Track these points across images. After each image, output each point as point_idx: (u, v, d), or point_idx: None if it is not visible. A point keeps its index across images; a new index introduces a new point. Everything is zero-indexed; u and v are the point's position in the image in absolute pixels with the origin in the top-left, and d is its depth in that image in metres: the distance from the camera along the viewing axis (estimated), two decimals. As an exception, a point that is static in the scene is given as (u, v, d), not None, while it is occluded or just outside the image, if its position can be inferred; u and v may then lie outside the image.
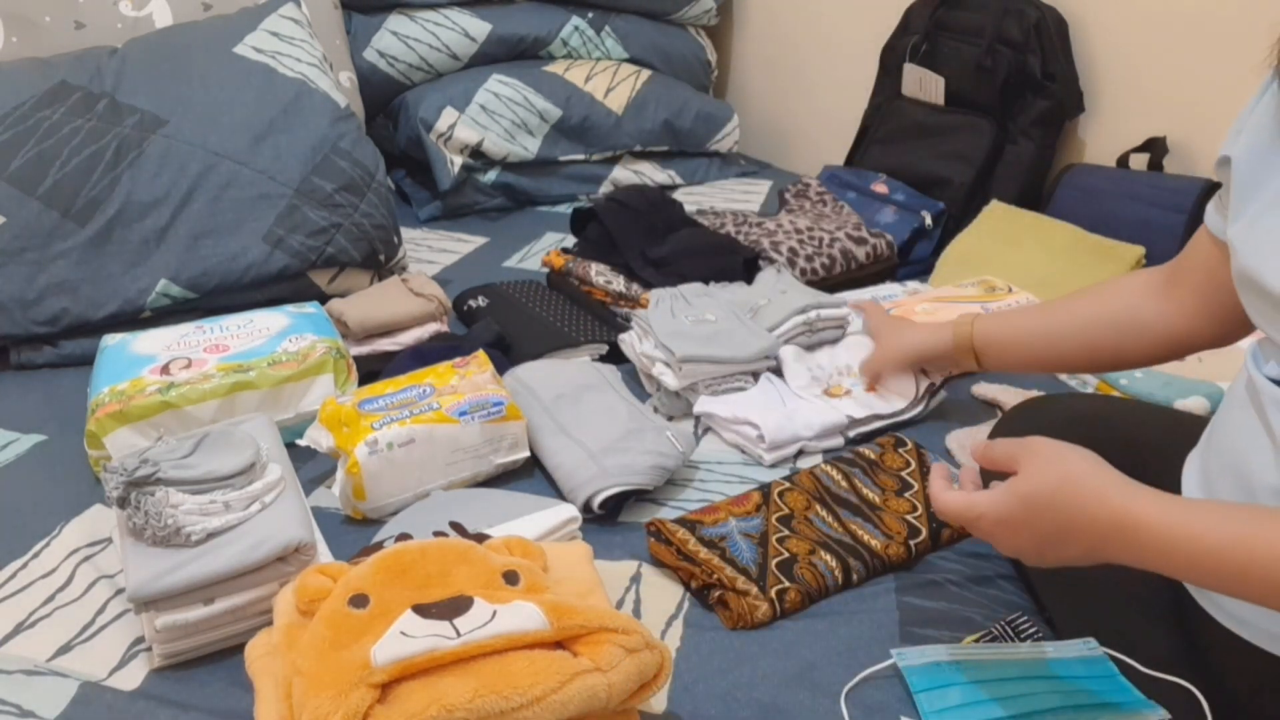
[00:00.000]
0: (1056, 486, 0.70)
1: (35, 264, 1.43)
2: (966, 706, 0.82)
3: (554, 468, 1.14)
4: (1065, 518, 0.70)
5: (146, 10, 1.79)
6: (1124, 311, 1.02)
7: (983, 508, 0.74)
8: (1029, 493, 0.71)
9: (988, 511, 0.74)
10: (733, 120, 2.30)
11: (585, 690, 0.71)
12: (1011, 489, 0.72)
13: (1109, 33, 1.82)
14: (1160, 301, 0.98)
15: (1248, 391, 0.77)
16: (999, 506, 0.73)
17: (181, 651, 0.89)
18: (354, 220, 1.58)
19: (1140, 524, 0.67)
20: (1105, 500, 0.68)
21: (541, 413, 1.20)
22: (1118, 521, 0.68)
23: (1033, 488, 0.71)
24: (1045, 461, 0.72)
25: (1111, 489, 0.69)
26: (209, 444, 0.97)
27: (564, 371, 1.29)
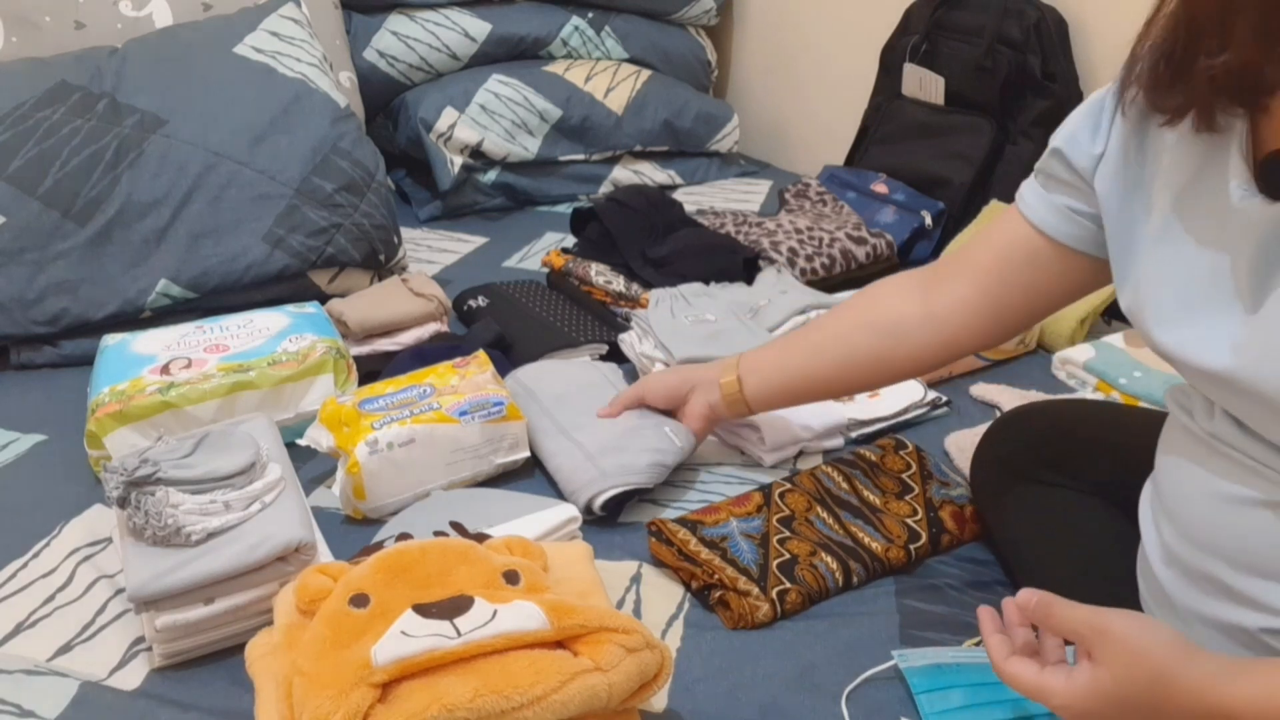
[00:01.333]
0: (1147, 687, 0.65)
1: (35, 264, 1.43)
2: (967, 708, 0.82)
3: (554, 470, 1.14)
4: (1155, 711, 0.65)
5: (146, 10, 1.79)
6: (883, 315, 0.97)
7: (1061, 698, 0.68)
8: (1115, 693, 0.65)
9: (1067, 702, 0.68)
10: (733, 120, 2.30)
11: (586, 690, 0.71)
12: (1095, 686, 0.66)
13: (1109, 33, 1.82)
14: (924, 301, 0.94)
15: (1180, 440, 0.77)
16: (1079, 699, 0.67)
17: (181, 651, 0.89)
18: (354, 220, 1.58)
19: (1235, 710, 0.63)
20: (1200, 697, 0.64)
21: (541, 414, 1.20)
22: (1211, 712, 0.64)
23: (1119, 687, 0.65)
24: (1131, 657, 0.65)
25: (1205, 683, 0.64)
26: (209, 444, 0.97)
27: (564, 372, 1.29)
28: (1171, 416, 0.79)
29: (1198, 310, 0.71)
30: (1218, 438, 0.72)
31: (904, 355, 0.98)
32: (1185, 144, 0.73)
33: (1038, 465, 0.99)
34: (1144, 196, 0.76)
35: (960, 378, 1.40)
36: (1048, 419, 1.04)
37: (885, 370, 1.01)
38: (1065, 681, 0.68)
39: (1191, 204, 0.72)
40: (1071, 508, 0.97)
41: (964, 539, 1.07)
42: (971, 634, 0.92)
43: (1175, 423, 0.78)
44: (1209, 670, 0.64)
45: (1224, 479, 0.71)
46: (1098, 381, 1.34)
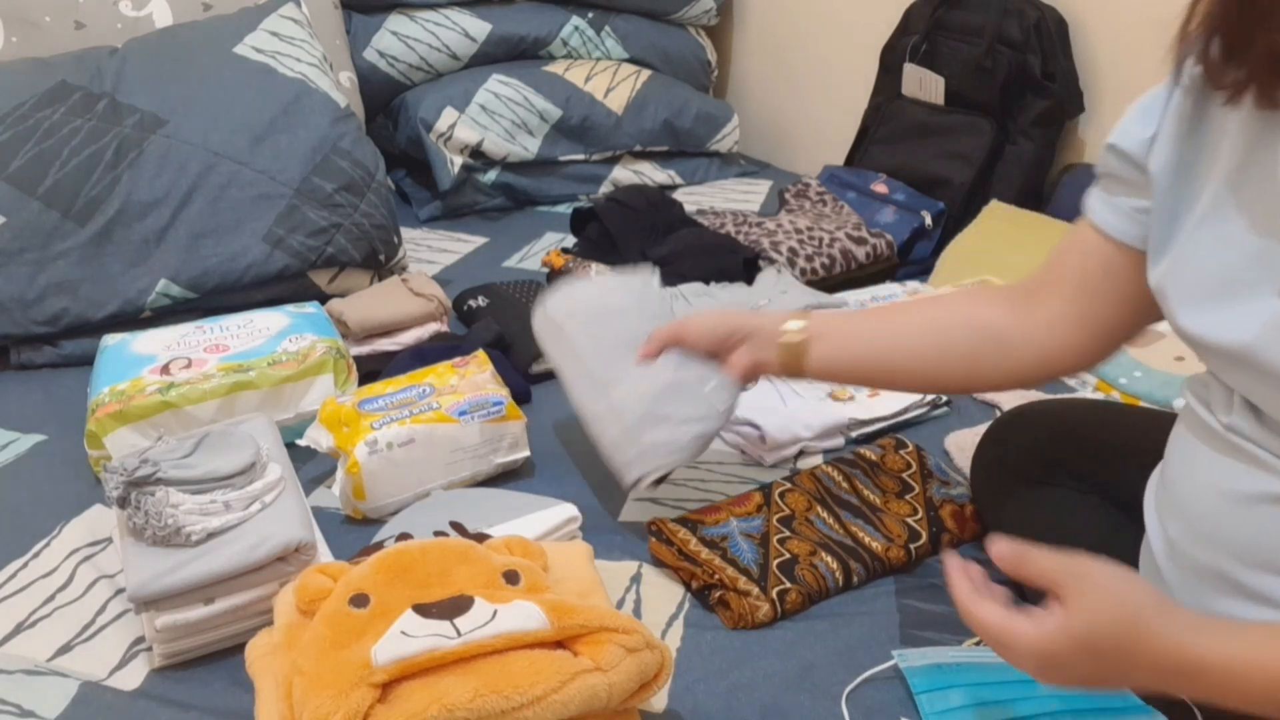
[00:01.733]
0: (1120, 634, 0.63)
1: (35, 264, 1.43)
2: (967, 708, 0.82)
3: (593, 437, 1.08)
4: (1124, 660, 0.64)
5: (146, 10, 1.79)
6: (984, 320, 0.91)
7: (1026, 640, 0.65)
8: (1086, 636, 0.64)
9: (1033, 645, 0.65)
10: (733, 120, 2.30)
11: (586, 690, 0.71)
12: (1066, 629, 0.64)
13: (1109, 33, 1.82)
14: (1022, 315, 0.89)
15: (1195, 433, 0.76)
16: (1046, 643, 0.65)
17: (182, 651, 0.89)
18: (354, 220, 1.58)
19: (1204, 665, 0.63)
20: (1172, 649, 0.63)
21: (573, 360, 1.11)
22: (1181, 665, 0.63)
23: (1091, 632, 0.64)
24: (1107, 602, 0.64)
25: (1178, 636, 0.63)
26: (209, 444, 0.97)
27: (598, 298, 1.17)
28: (1185, 411, 0.78)
29: (1235, 292, 0.69)
30: (1235, 430, 0.71)
31: (1001, 365, 0.91)
32: (1242, 124, 0.70)
33: (1038, 465, 0.99)
34: (1196, 177, 0.74)
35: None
36: (1048, 418, 1.04)
37: (977, 376, 0.94)
38: (1033, 624, 0.65)
39: (1243, 185, 0.70)
40: (1071, 507, 0.96)
41: (964, 538, 1.07)
42: (971, 634, 0.92)
43: (1190, 416, 0.77)
44: (1183, 623, 0.64)
45: (1238, 473, 0.71)
46: (1098, 381, 1.34)
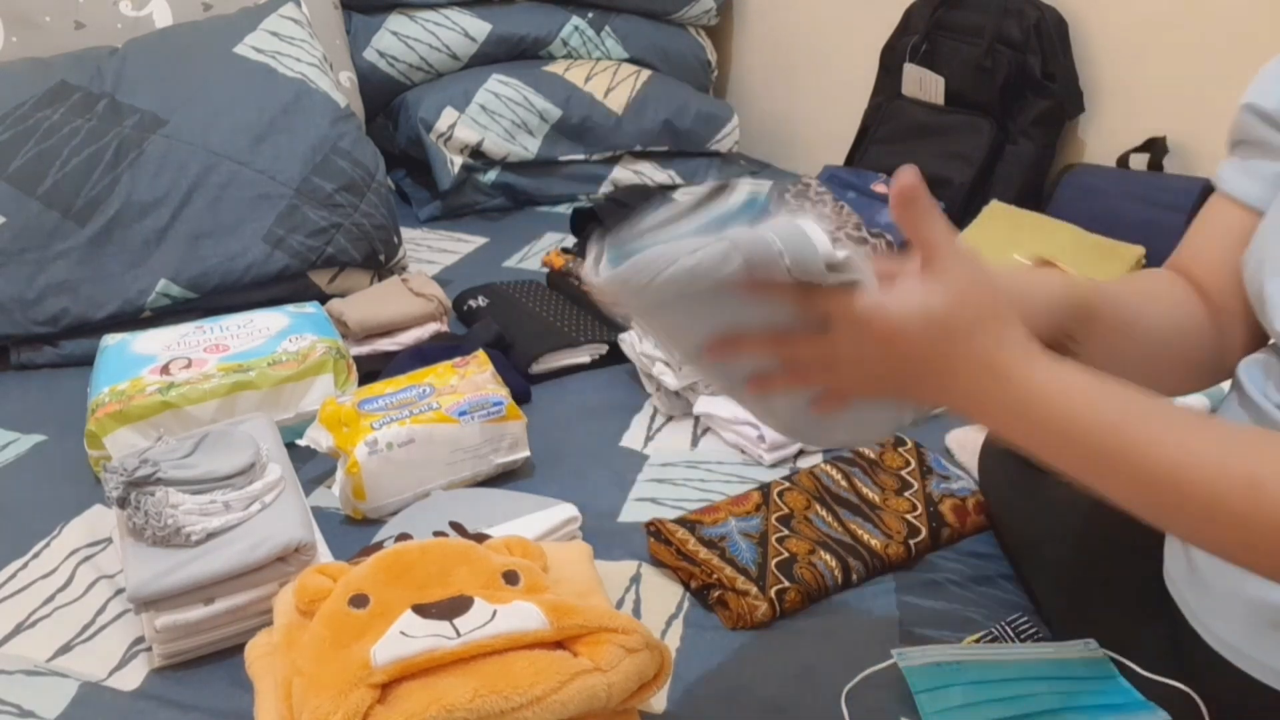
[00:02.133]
0: (972, 322, 0.58)
1: (35, 264, 1.43)
2: (967, 707, 0.82)
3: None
4: (957, 353, 0.58)
5: (146, 10, 1.79)
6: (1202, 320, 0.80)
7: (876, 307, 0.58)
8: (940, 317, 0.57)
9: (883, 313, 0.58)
10: (733, 120, 2.29)
11: (585, 690, 0.71)
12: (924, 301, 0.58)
13: (1109, 33, 1.82)
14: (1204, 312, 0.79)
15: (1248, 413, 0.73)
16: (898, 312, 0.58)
17: (181, 651, 0.89)
18: (354, 220, 1.58)
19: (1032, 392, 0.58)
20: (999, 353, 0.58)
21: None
22: (996, 372, 0.58)
23: (948, 313, 0.57)
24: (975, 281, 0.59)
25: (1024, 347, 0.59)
26: (209, 444, 0.97)
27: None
28: (1234, 392, 0.75)
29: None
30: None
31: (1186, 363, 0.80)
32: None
33: None
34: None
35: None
36: None
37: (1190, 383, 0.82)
38: (881, 295, 0.59)
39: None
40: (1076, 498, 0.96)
41: (965, 532, 1.07)
42: (971, 630, 0.92)
43: (1242, 397, 0.74)
44: (1028, 334, 0.60)
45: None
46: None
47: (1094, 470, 0.59)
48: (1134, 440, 0.56)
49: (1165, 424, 0.57)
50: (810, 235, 0.58)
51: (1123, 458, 0.57)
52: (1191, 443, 0.56)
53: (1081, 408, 0.57)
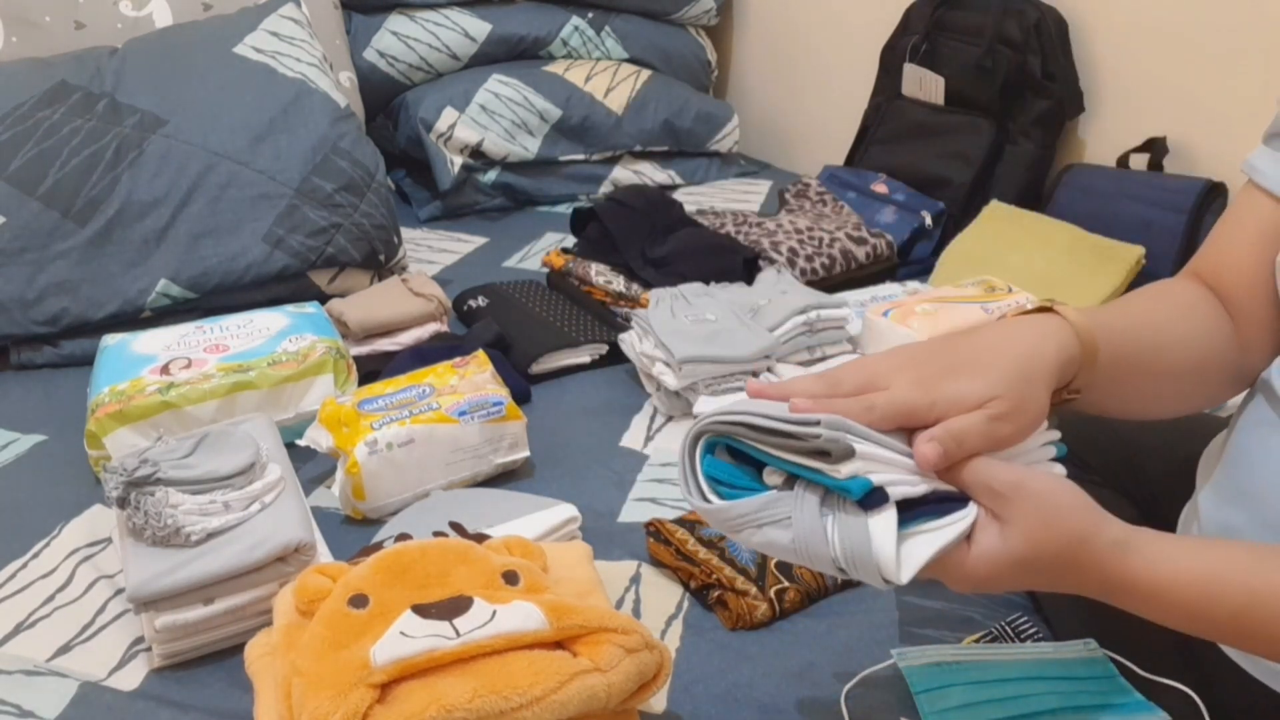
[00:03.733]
0: (1059, 551, 0.60)
1: (35, 264, 1.43)
2: (967, 707, 0.82)
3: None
4: (1059, 575, 0.62)
5: (146, 10, 1.79)
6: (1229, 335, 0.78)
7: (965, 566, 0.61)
8: (1026, 557, 0.60)
9: (972, 570, 0.61)
10: (733, 120, 2.30)
11: (585, 690, 0.71)
12: (1005, 549, 0.60)
13: (1109, 33, 1.82)
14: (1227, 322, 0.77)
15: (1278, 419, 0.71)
16: (986, 564, 0.61)
17: (181, 651, 0.89)
18: (354, 220, 1.58)
19: (1135, 585, 0.62)
20: (1103, 565, 0.61)
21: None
22: (1111, 583, 0.62)
23: (1031, 550, 0.60)
24: (1049, 517, 0.60)
25: (1109, 549, 0.61)
26: (209, 444, 0.97)
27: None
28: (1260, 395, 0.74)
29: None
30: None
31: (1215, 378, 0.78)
32: None
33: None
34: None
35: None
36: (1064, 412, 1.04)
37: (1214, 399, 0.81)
38: (966, 551, 0.61)
39: None
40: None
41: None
42: (971, 630, 0.92)
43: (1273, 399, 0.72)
44: (1115, 538, 0.62)
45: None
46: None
47: (1234, 639, 0.64)
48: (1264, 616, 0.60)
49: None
50: (877, 554, 0.59)
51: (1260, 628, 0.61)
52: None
53: (1200, 605, 0.61)
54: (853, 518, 0.59)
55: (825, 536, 0.60)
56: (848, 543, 0.59)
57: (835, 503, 0.60)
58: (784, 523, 0.60)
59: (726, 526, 0.62)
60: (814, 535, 0.60)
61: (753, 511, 0.61)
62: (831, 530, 0.60)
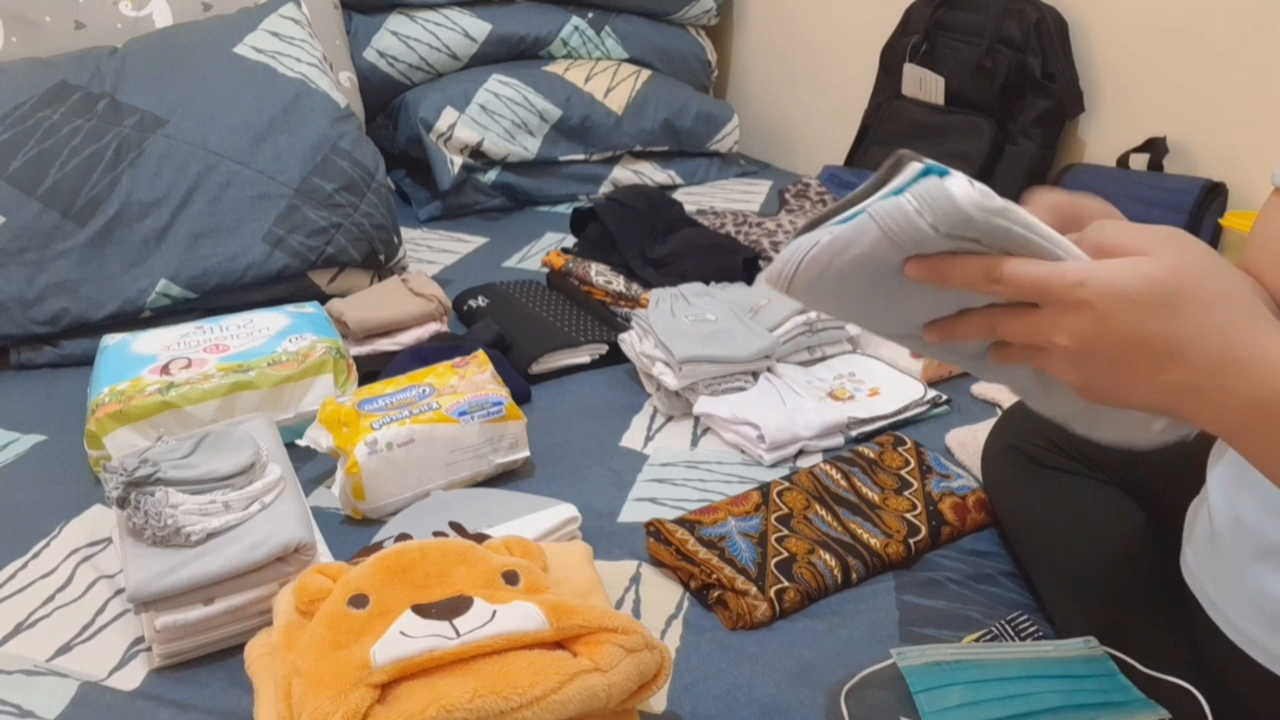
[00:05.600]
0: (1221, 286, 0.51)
1: (35, 264, 1.43)
2: (967, 706, 0.82)
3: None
4: (1196, 324, 0.51)
5: (146, 10, 1.79)
6: None
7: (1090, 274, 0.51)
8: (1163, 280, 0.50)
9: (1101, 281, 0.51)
10: (733, 120, 2.30)
11: (585, 690, 0.71)
12: (1138, 267, 0.51)
13: (1109, 33, 1.82)
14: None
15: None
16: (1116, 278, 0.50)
17: (181, 651, 0.89)
18: (354, 220, 1.58)
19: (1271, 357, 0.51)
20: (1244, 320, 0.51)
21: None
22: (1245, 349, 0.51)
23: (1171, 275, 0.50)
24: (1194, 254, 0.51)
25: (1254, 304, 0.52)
26: (209, 444, 0.97)
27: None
28: None
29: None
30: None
31: None
32: None
33: (1050, 451, 0.99)
34: None
35: (961, 376, 1.40)
36: None
37: None
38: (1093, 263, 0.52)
39: None
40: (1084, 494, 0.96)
41: (965, 530, 1.07)
42: (970, 629, 0.92)
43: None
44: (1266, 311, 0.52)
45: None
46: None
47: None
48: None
49: None
50: (949, 187, 0.52)
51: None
52: None
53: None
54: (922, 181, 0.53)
55: (900, 203, 0.53)
56: (922, 193, 0.53)
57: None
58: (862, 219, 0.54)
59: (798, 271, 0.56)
60: (891, 205, 0.53)
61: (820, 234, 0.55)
62: (906, 199, 0.53)
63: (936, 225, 0.53)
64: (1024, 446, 1.03)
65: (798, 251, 0.56)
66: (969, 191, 0.52)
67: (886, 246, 0.54)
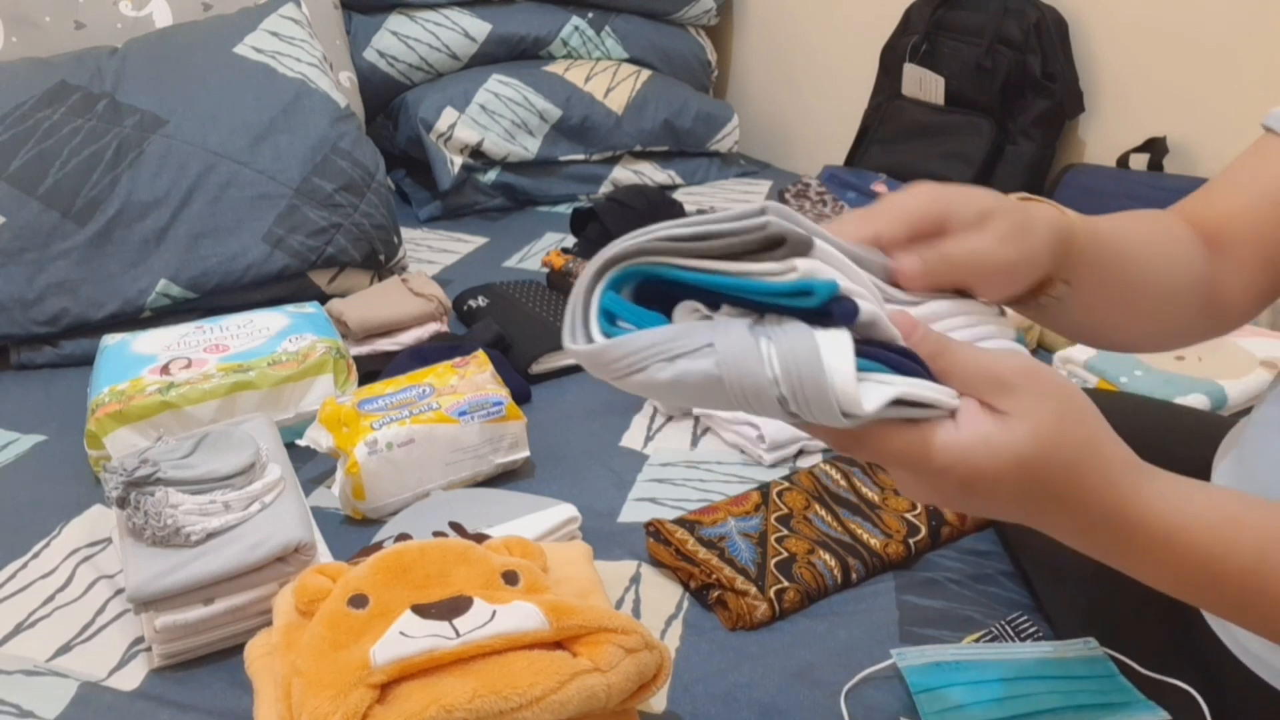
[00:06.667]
0: (1070, 456, 0.49)
1: (35, 264, 1.43)
2: (967, 707, 0.82)
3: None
4: (1059, 493, 0.51)
5: (146, 10, 1.79)
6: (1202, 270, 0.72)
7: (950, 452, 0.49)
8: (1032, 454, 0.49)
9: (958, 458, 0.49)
10: (733, 120, 2.30)
11: (584, 690, 0.71)
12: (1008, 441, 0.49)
13: (1109, 33, 1.82)
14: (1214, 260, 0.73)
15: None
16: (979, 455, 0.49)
17: (181, 651, 0.89)
18: (354, 220, 1.58)
19: (1144, 521, 0.52)
20: (1115, 486, 0.51)
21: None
22: (1114, 513, 0.52)
23: (1040, 450, 0.49)
24: (1064, 411, 0.49)
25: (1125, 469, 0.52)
26: (209, 444, 0.97)
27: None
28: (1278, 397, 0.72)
29: None
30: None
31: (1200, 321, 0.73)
32: None
33: None
34: None
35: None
36: None
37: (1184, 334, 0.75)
38: (953, 431, 0.49)
39: None
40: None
41: (965, 530, 1.07)
42: (970, 629, 0.92)
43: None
44: (1128, 458, 0.52)
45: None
46: (1099, 380, 1.34)
47: (1232, 610, 0.55)
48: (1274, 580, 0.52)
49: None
50: (828, 366, 0.45)
51: (1264, 598, 0.53)
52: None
53: (1215, 549, 0.52)
54: (795, 331, 0.45)
55: (760, 354, 0.45)
56: (789, 357, 0.44)
57: (771, 324, 0.46)
58: (702, 351, 0.45)
59: (622, 367, 0.47)
60: (746, 353, 0.45)
61: (662, 341, 0.46)
62: (767, 349, 0.45)
63: (785, 395, 0.46)
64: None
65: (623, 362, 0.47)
66: (848, 384, 0.45)
67: (721, 393, 0.46)
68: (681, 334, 0.46)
